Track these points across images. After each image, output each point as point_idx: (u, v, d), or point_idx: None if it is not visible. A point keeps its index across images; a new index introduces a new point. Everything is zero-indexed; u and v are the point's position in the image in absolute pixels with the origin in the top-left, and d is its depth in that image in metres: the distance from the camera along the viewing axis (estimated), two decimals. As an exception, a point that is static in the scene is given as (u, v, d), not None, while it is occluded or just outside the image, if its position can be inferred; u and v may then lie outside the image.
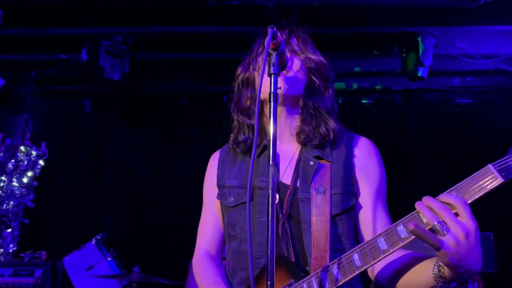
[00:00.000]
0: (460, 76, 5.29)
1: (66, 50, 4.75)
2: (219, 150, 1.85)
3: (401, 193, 5.42)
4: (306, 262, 1.53)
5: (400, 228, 1.33)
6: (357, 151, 1.69)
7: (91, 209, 5.73)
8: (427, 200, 1.30)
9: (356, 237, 1.65)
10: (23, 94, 5.44)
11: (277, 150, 1.66)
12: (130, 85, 5.26)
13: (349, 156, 1.66)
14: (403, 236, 1.31)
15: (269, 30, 1.33)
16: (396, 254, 1.43)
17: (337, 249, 1.54)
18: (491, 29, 4.21)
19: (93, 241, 4.33)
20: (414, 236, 1.27)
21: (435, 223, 1.23)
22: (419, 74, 4.41)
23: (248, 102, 1.70)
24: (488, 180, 1.27)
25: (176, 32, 4.47)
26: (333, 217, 1.55)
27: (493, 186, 1.26)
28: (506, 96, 5.35)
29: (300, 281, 1.44)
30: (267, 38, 1.33)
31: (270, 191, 1.25)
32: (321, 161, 1.63)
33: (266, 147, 1.66)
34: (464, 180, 1.32)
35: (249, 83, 1.71)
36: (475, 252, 1.23)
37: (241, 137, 1.70)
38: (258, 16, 3.85)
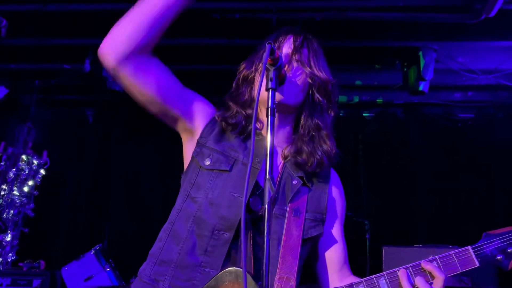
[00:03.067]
0: (462, 90, 5.30)
1: (70, 60, 4.79)
2: (215, 109, 1.73)
3: (401, 206, 5.43)
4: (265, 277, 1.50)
5: (382, 282, 1.45)
6: (333, 183, 1.75)
7: (91, 219, 5.71)
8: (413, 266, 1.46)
9: (311, 258, 1.72)
10: (26, 103, 5.47)
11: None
12: (133, 96, 5.28)
13: (326, 186, 1.70)
14: None
15: (267, 46, 1.32)
16: None
17: (299, 269, 1.56)
18: (492, 44, 4.24)
19: (92, 252, 4.31)
20: None
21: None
22: (420, 88, 4.43)
23: (245, 97, 1.68)
24: (466, 262, 1.46)
25: (180, 44, 4.50)
26: (303, 241, 1.57)
27: (468, 268, 1.45)
28: (508, 111, 5.36)
29: None
30: (265, 54, 1.33)
31: (266, 205, 1.23)
32: (303, 184, 1.63)
33: (255, 131, 1.59)
34: (445, 254, 1.48)
35: (248, 82, 1.69)
36: None
37: (231, 120, 1.64)
38: (261, 29, 3.89)
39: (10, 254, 4.84)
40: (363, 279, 1.46)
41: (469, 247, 1.45)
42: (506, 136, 5.20)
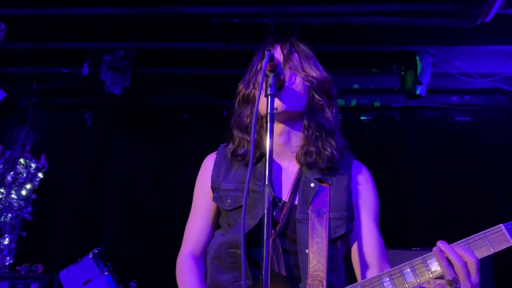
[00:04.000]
0: (458, 94, 5.33)
1: (68, 64, 4.80)
2: (215, 152, 1.82)
3: (399, 209, 5.44)
4: (299, 280, 1.54)
5: (407, 271, 1.39)
6: (355, 177, 1.71)
7: (90, 222, 5.70)
8: (444, 247, 1.37)
9: (344, 259, 1.68)
10: (24, 106, 5.47)
11: (277, 166, 1.68)
12: (131, 99, 5.29)
13: (348, 181, 1.68)
14: (409, 280, 1.38)
15: (266, 53, 1.34)
16: None
17: (330, 269, 1.56)
18: (488, 48, 4.27)
19: (90, 255, 4.30)
20: (420, 282, 1.37)
21: (451, 278, 1.33)
22: (417, 92, 4.45)
23: (248, 119, 1.70)
24: (499, 241, 1.34)
25: (177, 48, 4.52)
26: (330, 241, 1.56)
27: (502, 248, 1.34)
28: (504, 114, 5.38)
29: None
30: (264, 60, 1.35)
31: (265, 210, 1.24)
32: (322, 184, 1.64)
33: (263, 155, 1.65)
34: (476, 235, 1.37)
35: (249, 100, 1.71)
36: None
37: (240, 150, 1.70)
38: (258, 34, 3.90)
39: (8, 258, 4.83)
40: (388, 270, 1.41)
41: (500, 225, 1.34)
42: (503, 140, 5.23)
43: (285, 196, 1.63)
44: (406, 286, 1.37)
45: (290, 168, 1.69)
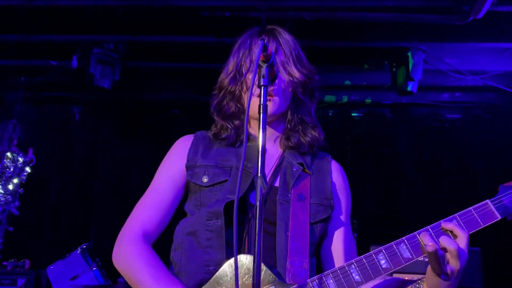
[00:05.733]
0: (449, 91, 5.35)
1: (57, 57, 4.73)
2: (191, 134, 1.80)
3: (389, 206, 5.46)
4: (274, 264, 1.49)
5: (402, 247, 1.39)
6: (334, 171, 1.75)
7: (78, 217, 5.65)
8: (434, 227, 1.41)
9: (317, 248, 1.67)
10: (11, 100, 5.39)
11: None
12: (121, 93, 5.24)
13: (327, 175, 1.71)
14: (405, 256, 1.38)
15: (260, 42, 1.32)
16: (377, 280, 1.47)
17: (309, 256, 1.54)
18: (479, 46, 4.28)
19: (79, 250, 4.26)
20: (416, 258, 1.37)
21: (439, 253, 1.31)
22: (409, 88, 4.46)
23: (231, 110, 1.70)
24: (487, 216, 1.40)
25: (168, 42, 4.47)
26: (311, 225, 1.57)
27: (490, 223, 1.39)
28: (494, 112, 5.42)
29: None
30: (257, 50, 1.33)
31: (258, 203, 1.21)
32: (303, 171, 1.66)
33: (248, 136, 1.64)
34: (465, 211, 1.42)
35: (235, 98, 1.69)
36: (458, 280, 1.36)
37: (223, 134, 1.70)
38: (250, 28, 3.87)
39: (-6, 253, 4.77)
40: (382, 247, 1.41)
41: (487, 200, 1.41)
42: (493, 137, 5.26)
43: (266, 177, 1.60)
44: (403, 262, 1.38)
45: (272, 151, 1.71)
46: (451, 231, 1.39)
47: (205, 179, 1.60)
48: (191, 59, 4.77)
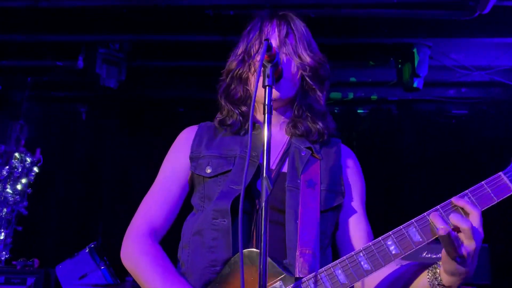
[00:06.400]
0: (455, 87, 5.32)
1: (63, 57, 4.74)
2: (195, 125, 1.77)
3: (394, 202, 5.44)
4: (283, 255, 1.44)
5: (412, 230, 1.32)
6: (345, 159, 1.69)
7: (86, 216, 5.68)
8: (446, 205, 1.33)
9: (332, 237, 1.61)
10: (18, 100, 5.42)
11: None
12: (127, 92, 5.25)
13: (338, 160, 1.65)
14: (415, 240, 1.31)
15: (264, 43, 1.31)
16: (392, 266, 1.42)
17: (321, 245, 1.49)
18: (485, 41, 4.25)
19: (87, 250, 4.29)
20: (427, 241, 1.29)
21: (452, 236, 1.24)
22: (415, 85, 4.44)
23: (239, 94, 1.66)
24: (500, 189, 1.30)
25: (173, 41, 4.48)
26: (322, 213, 1.50)
27: (505, 196, 1.29)
28: (501, 107, 5.38)
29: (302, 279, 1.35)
30: (261, 51, 1.32)
31: (263, 203, 1.18)
32: (312, 156, 1.60)
33: (254, 125, 1.61)
34: (476, 186, 1.32)
35: (242, 81, 1.66)
36: (475, 260, 1.28)
37: (229, 120, 1.66)
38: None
39: (3, 253, 4.81)
40: (390, 232, 1.34)
41: (500, 173, 1.32)
42: (499, 133, 5.23)
43: (272, 163, 1.56)
44: (413, 247, 1.32)
45: (278, 137, 1.66)
46: (463, 209, 1.31)
47: (208, 170, 1.56)
48: (195, 57, 4.78)
